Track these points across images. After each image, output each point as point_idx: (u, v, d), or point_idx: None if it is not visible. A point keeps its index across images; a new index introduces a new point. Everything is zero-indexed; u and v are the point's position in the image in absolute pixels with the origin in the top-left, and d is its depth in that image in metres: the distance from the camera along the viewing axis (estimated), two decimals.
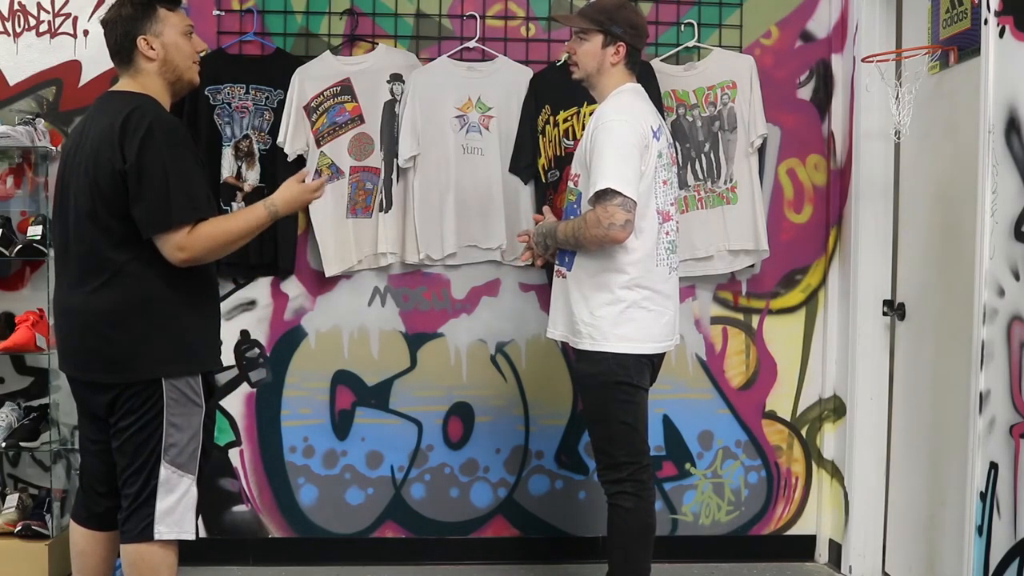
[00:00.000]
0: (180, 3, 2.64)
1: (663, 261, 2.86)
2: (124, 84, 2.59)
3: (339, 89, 3.64)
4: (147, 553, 2.49)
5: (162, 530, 2.48)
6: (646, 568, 2.89)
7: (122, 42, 2.54)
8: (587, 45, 2.90)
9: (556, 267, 2.95)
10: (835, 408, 3.85)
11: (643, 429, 2.90)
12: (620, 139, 2.72)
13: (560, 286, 2.93)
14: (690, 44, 3.78)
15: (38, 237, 3.46)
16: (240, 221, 2.55)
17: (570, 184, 2.95)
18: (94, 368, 2.51)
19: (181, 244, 2.42)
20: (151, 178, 2.40)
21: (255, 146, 3.63)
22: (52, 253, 3.42)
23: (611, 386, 2.81)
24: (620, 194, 2.68)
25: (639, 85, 2.96)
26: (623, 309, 2.79)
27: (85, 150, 2.49)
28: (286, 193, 2.64)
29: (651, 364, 2.91)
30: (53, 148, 3.51)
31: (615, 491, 2.86)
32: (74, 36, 3.65)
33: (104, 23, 2.59)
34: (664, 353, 2.96)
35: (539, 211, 3.66)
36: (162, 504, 2.49)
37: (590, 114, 3.52)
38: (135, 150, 2.39)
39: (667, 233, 2.87)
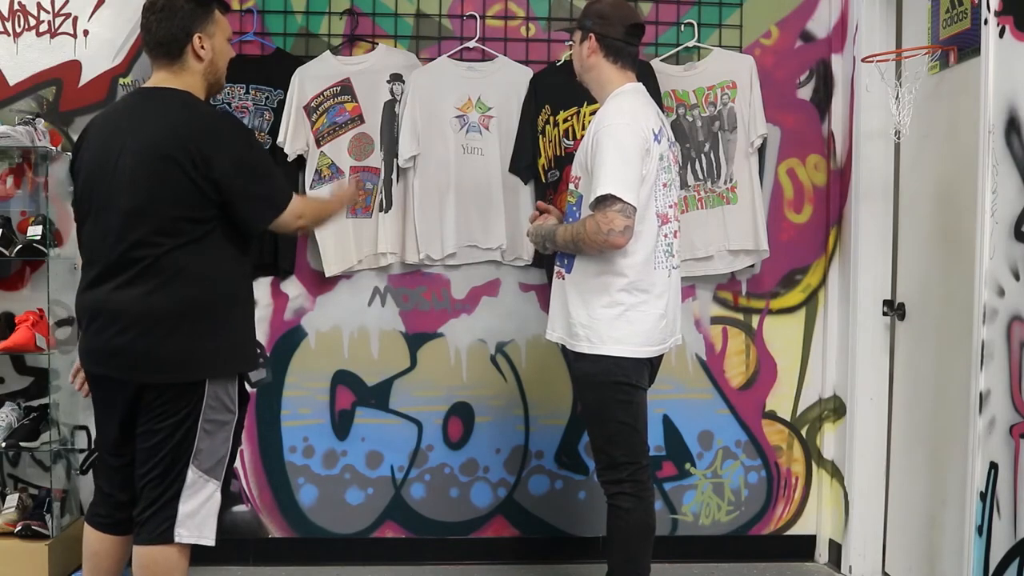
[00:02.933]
0: (230, 8, 2.65)
1: (662, 264, 2.84)
2: (163, 79, 2.54)
3: (339, 89, 3.64)
4: (161, 556, 2.46)
5: (183, 533, 2.46)
6: (646, 568, 2.88)
7: (177, 35, 2.50)
8: (574, 47, 2.94)
9: (556, 268, 2.95)
10: (835, 408, 3.86)
11: (642, 429, 2.89)
12: (622, 143, 2.70)
13: (559, 287, 2.92)
14: (690, 44, 3.78)
15: (38, 237, 3.46)
16: (322, 214, 2.76)
17: (571, 186, 2.94)
18: (140, 368, 2.45)
19: (298, 211, 2.56)
20: (250, 173, 2.45)
21: None
22: (52, 253, 3.43)
23: (609, 386, 2.80)
24: (620, 200, 2.66)
25: (640, 85, 2.93)
26: (621, 312, 2.78)
27: (137, 148, 2.42)
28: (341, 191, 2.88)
29: (650, 365, 2.90)
30: (53, 148, 3.51)
31: (614, 491, 2.85)
32: (74, 36, 3.65)
33: (156, 9, 2.51)
34: (663, 354, 2.96)
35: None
36: (185, 507, 2.47)
37: (590, 114, 3.54)
38: (220, 151, 2.41)
39: (666, 236, 2.85)
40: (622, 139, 2.71)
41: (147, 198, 2.41)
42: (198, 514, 2.49)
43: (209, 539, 2.52)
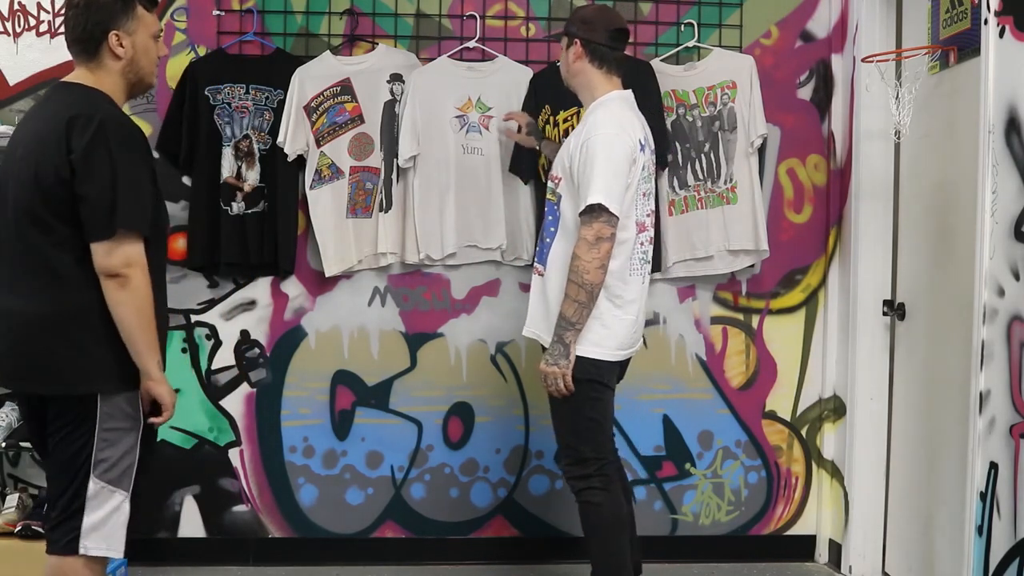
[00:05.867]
0: (157, 4, 2.50)
1: (637, 271, 2.90)
2: (79, 76, 2.41)
3: (339, 89, 3.64)
4: (69, 568, 2.36)
5: (88, 545, 2.35)
6: (625, 558, 2.92)
7: (92, 31, 2.36)
8: (561, 53, 3.00)
9: (535, 264, 2.99)
10: (835, 408, 3.85)
11: (609, 427, 2.98)
12: (613, 154, 2.76)
13: (538, 285, 2.97)
14: (690, 44, 3.78)
15: None
16: (149, 319, 2.33)
17: (550, 184, 2.99)
18: (26, 377, 2.37)
19: (131, 257, 2.27)
20: (99, 180, 2.25)
21: (255, 146, 3.63)
22: None
23: (583, 383, 2.85)
24: (607, 210, 2.73)
25: (626, 92, 2.97)
26: (596, 316, 2.83)
27: (28, 143, 2.33)
28: (165, 387, 2.40)
29: (619, 366, 2.97)
30: None
31: (582, 487, 2.90)
32: None
33: (72, 4, 2.38)
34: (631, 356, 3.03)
35: (539, 213, 3.68)
36: (89, 519, 2.35)
37: None
38: (82, 149, 2.24)
39: (642, 244, 2.91)
40: (614, 150, 2.76)
41: (30, 194, 2.30)
42: (105, 525, 2.36)
43: (118, 551, 2.39)
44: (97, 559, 2.39)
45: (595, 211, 2.73)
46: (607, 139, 2.77)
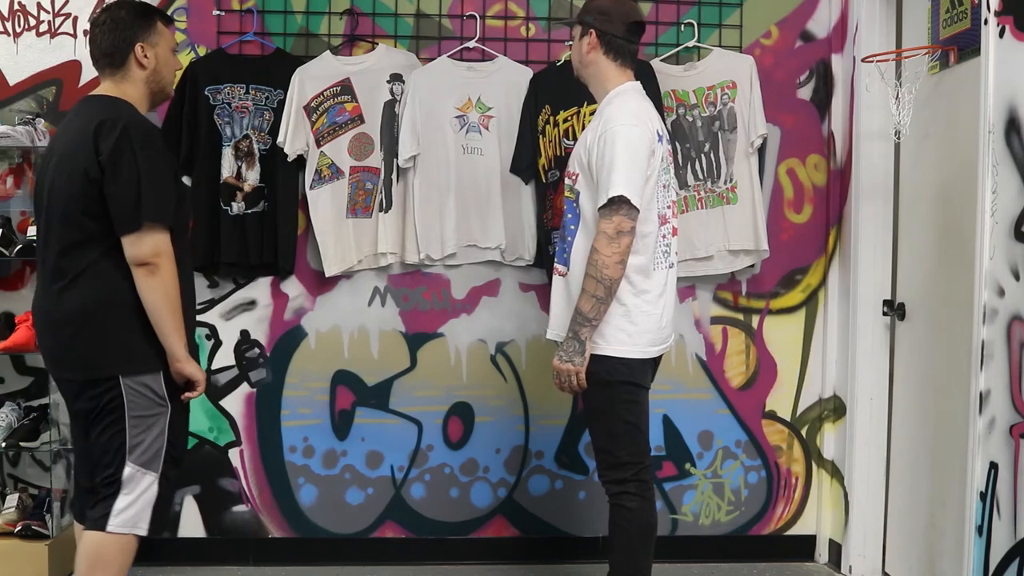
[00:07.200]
0: (173, 21, 2.78)
1: (660, 264, 2.84)
2: (105, 88, 2.67)
3: (339, 89, 3.64)
4: (101, 543, 2.56)
5: (115, 523, 2.55)
6: (648, 568, 2.88)
7: (119, 44, 2.63)
8: (573, 42, 2.94)
9: (556, 265, 2.93)
10: (835, 408, 3.86)
11: (645, 429, 2.89)
12: (632, 145, 2.70)
13: (560, 285, 2.90)
14: (690, 44, 3.78)
15: None
16: (175, 304, 2.54)
17: (567, 182, 2.93)
18: (65, 365, 2.61)
19: (158, 248, 2.50)
20: (125, 178, 2.48)
21: (255, 146, 3.63)
22: None
23: (615, 385, 2.79)
24: (628, 202, 2.67)
25: (639, 83, 2.93)
26: (623, 312, 2.77)
27: (61, 152, 2.57)
28: (192, 366, 2.61)
29: (651, 363, 2.90)
30: None
31: (618, 491, 2.84)
32: (74, 36, 3.65)
33: (98, 23, 2.66)
34: (663, 353, 2.96)
35: (540, 211, 3.68)
36: (121, 501, 2.56)
37: (590, 114, 3.54)
38: (109, 150, 2.47)
39: (664, 236, 2.85)
40: (632, 141, 2.70)
41: (63, 197, 2.54)
42: (133, 506, 2.57)
43: (143, 530, 2.59)
44: (129, 538, 2.58)
45: (615, 204, 2.66)
46: (625, 130, 2.70)
